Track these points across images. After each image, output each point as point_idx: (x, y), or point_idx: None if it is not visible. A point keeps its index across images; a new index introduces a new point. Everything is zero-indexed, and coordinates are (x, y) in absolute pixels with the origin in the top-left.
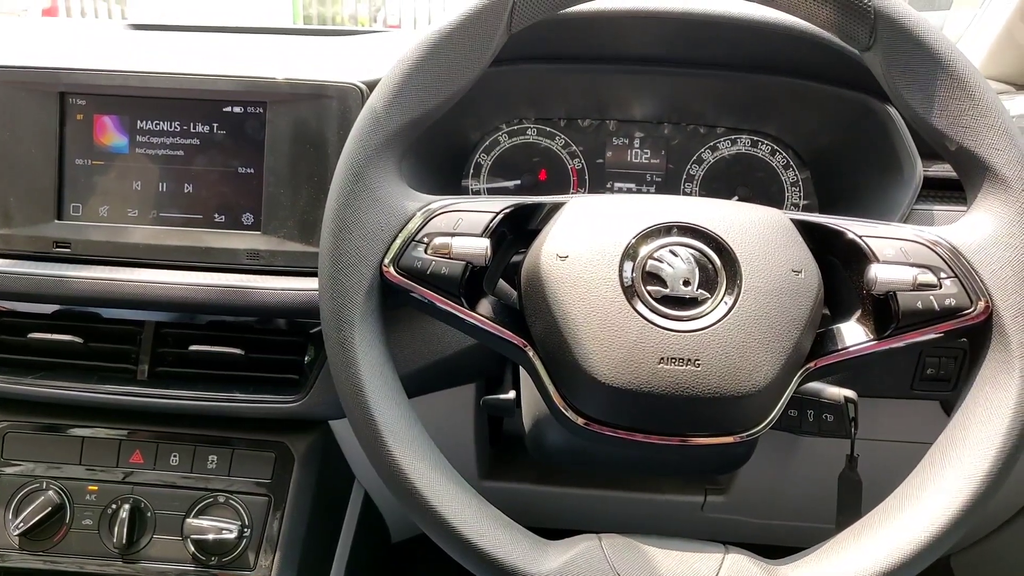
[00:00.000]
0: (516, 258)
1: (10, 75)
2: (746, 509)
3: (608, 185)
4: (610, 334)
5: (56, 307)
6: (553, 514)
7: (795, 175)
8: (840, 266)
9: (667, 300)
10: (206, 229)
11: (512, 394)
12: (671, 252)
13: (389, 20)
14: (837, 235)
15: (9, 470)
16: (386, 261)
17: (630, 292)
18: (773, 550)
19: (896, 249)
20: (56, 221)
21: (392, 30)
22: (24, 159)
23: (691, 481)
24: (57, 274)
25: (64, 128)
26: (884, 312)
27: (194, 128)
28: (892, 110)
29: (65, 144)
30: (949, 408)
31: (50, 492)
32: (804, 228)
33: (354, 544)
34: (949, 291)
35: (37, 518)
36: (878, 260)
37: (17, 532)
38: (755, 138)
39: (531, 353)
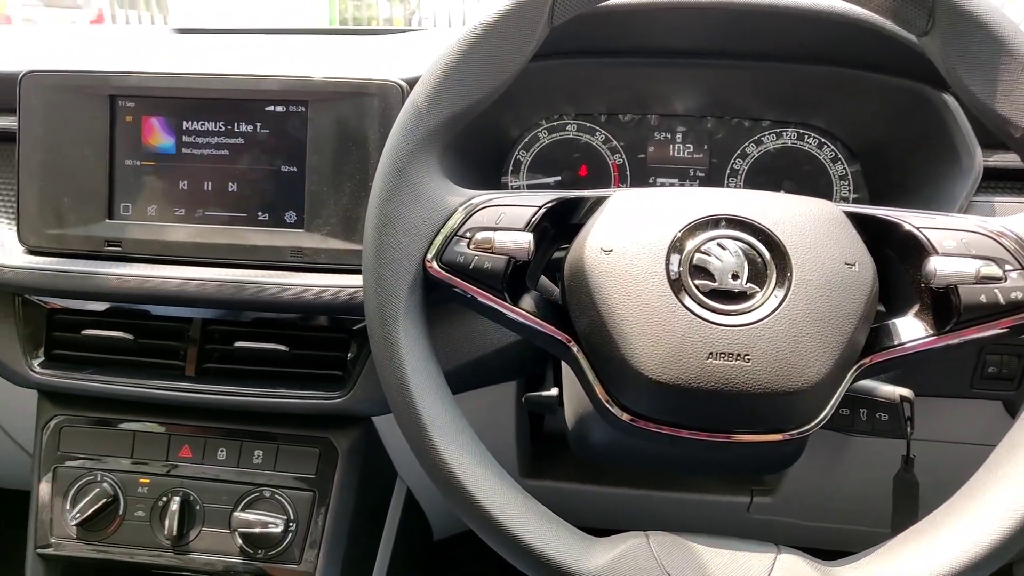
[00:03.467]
0: (558, 253)
1: (63, 79)
2: (794, 511)
3: (650, 181)
4: (657, 329)
5: (108, 304)
6: (595, 513)
7: (844, 168)
8: (896, 259)
9: (715, 294)
10: (250, 227)
11: (554, 391)
12: (719, 245)
13: (424, 23)
14: (893, 227)
15: (66, 463)
16: (429, 256)
17: (677, 286)
18: (822, 554)
19: (957, 241)
20: (107, 221)
21: (413, 28)
22: (77, 161)
23: (737, 481)
24: (108, 272)
25: (114, 130)
26: (944, 306)
27: (238, 128)
28: (949, 98)
29: (115, 146)
30: (1012, 408)
31: (104, 484)
32: (858, 220)
33: (397, 540)
34: (1016, 284)
35: (93, 509)
36: (937, 252)
37: (75, 522)
38: (802, 131)
39: (575, 349)
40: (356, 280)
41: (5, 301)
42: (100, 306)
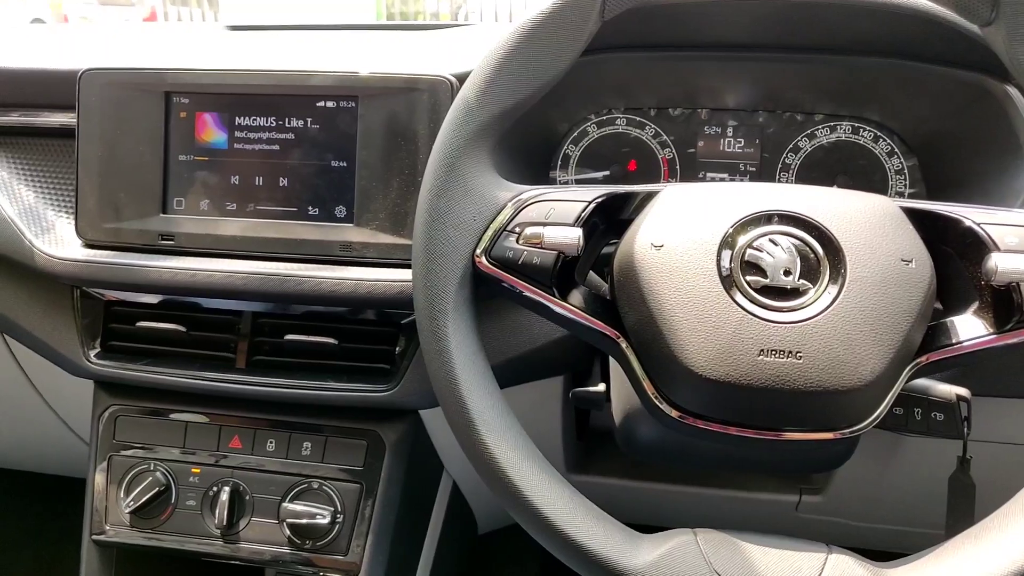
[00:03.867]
0: (607, 248)
1: (120, 76)
2: (843, 511)
3: (700, 175)
4: (707, 325)
5: (161, 297)
6: (640, 510)
7: (900, 162)
8: (955, 256)
9: (767, 290)
10: (300, 222)
11: (602, 387)
12: (771, 241)
13: (471, 18)
14: (952, 223)
15: (121, 452)
16: (478, 251)
17: (728, 282)
18: (873, 555)
19: (1020, 237)
20: (161, 215)
21: (460, 24)
22: (132, 156)
23: (785, 480)
24: (161, 266)
25: (168, 126)
26: (1005, 304)
27: (289, 123)
28: (1012, 89)
29: (169, 141)
30: None
31: (157, 473)
32: (915, 216)
33: (442, 533)
34: None
35: (146, 497)
36: (999, 249)
37: (128, 510)
38: (856, 124)
39: (624, 345)
40: (404, 274)
41: (64, 293)
42: (154, 298)
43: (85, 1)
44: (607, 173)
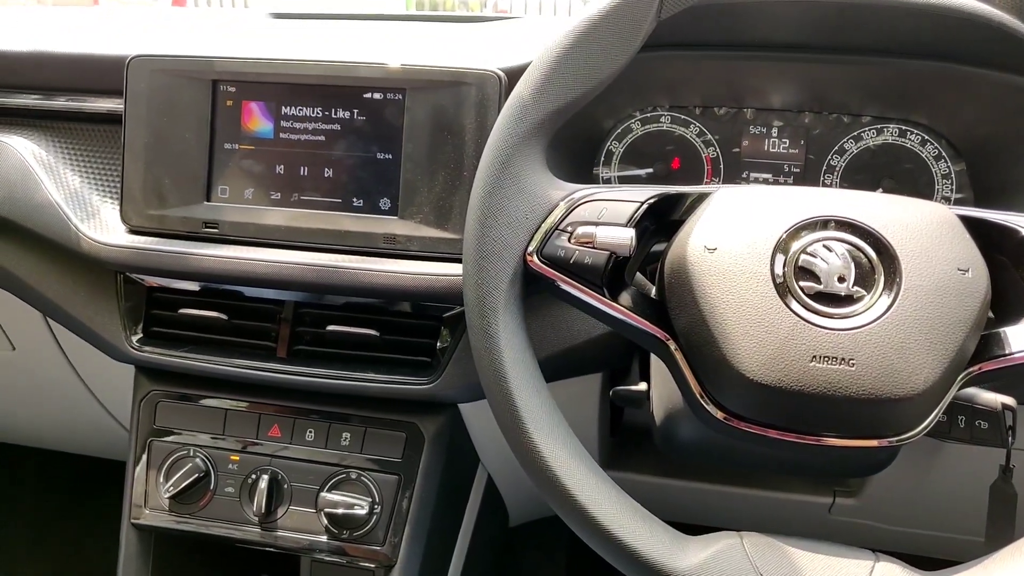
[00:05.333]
0: (656, 246)
1: (168, 64)
2: (878, 514)
3: (744, 175)
4: (760, 330)
5: (203, 284)
6: (674, 507)
7: (948, 167)
8: (1010, 265)
9: (820, 296)
10: (345, 213)
11: (643, 386)
12: (825, 247)
13: (500, 5)
14: (1009, 232)
15: (161, 437)
16: (530, 250)
17: (782, 288)
18: (908, 559)
19: None
20: (205, 203)
21: (503, 15)
22: (179, 144)
23: (820, 482)
24: (205, 253)
25: (215, 114)
26: None
27: (335, 114)
28: None
29: (215, 129)
30: None
31: (197, 459)
32: (971, 224)
33: (476, 525)
34: None
35: (185, 483)
36: None
37: (168, 495)
38: (904, 127)
39: (672, 346)
40: (449, 268)
41: (107, 279)
42: (196, 286)
43: None
44: (651, 171)
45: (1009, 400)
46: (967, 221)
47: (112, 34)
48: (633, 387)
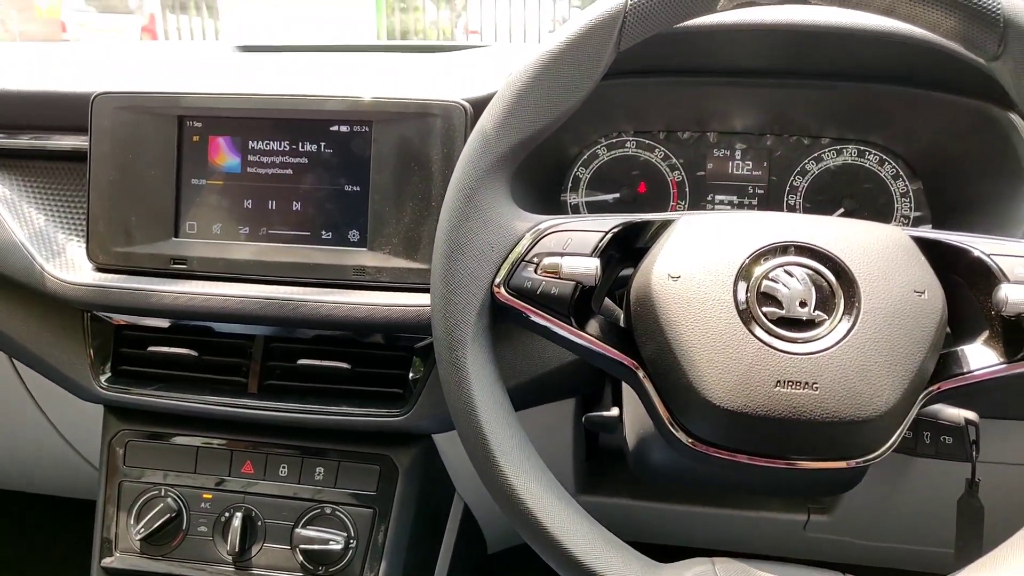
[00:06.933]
0: (623, 273)
1: (133, 100)
2: (851, 530)
3: (708, 198)
4: (724, 356)
5: (173, 321)
6: (649, 529)
7: (906, 186)
8: (964, 285)
9: (782, 321)
10: (314, 246)
11: (615, 411)
12: (786, 272)
13: (471, 26)
14: (962, 253)
15: (131, 477)
16: (497, 282)
17: (745, 314)
18: (882, 574)
19: None
20: (173, 239)
21: (471, 45)
22: (145, 180)
23: (794, 499)
24: (173, 290)
25: (181, 150)
26: (1015, 334)
27: (303, 147)
28: (1016, 117)
29: (182, 165)
30: None
31: (168, 499)
32: (925, 245)
33: (454, 555)
34: None
35: (157, 524)
36: (1009, 280)
37: (139, 537)
38: (862, 148)
39: (641, 374)
40: (418, 299)
41: (74, 317)
42: (165, 323)
43: (82, 9)
44: (617, 196)
45: (972, 415)
46: (922, 243)
47: (76, 70)
48: (605, 412)
